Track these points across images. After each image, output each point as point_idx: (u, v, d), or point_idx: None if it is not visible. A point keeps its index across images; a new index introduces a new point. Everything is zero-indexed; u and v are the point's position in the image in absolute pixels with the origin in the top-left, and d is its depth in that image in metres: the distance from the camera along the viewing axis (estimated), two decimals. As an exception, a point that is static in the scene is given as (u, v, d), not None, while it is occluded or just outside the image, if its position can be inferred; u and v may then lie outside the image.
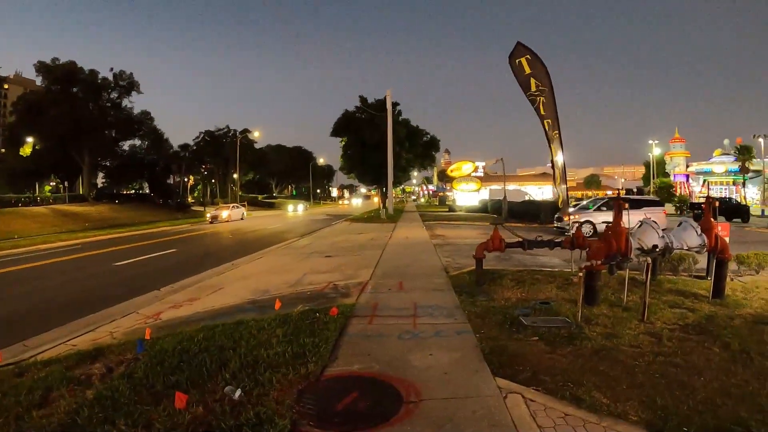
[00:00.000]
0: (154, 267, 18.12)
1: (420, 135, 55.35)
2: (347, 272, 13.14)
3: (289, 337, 6.86)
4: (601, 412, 4.70)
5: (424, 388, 5.17)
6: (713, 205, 10.96)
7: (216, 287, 12.13)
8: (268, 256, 18.39)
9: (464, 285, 10.66)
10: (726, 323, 7.74)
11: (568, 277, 11.01)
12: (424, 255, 16.38)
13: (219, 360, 5.99)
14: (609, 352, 6.24)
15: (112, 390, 5.23)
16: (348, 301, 9.42)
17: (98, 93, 71.59)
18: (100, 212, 60.93)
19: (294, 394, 5.00)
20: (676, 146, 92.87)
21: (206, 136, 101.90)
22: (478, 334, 7.03)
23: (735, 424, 4.51)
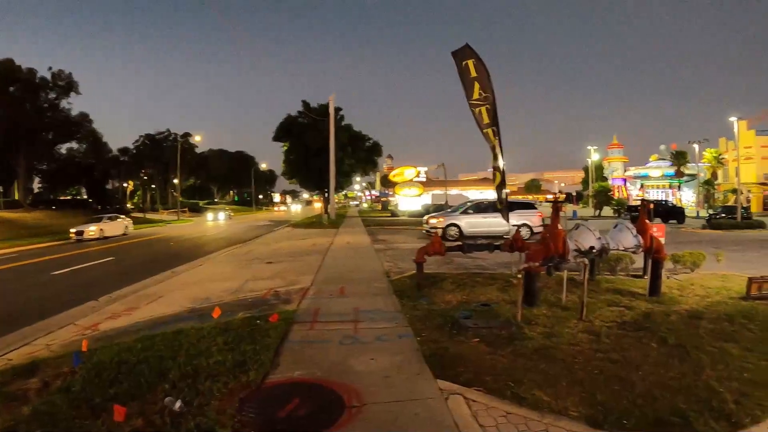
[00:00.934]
0: (92, 276, 17.65)
1: (362, 140, 55.31)
2: (289, 278, 13.01)
3: (230, 345, 6.74)
4: (543, 409, 4.76)
5: (366, 392, 5.14)
6: (648, 208, 11.27)
7: (155, 296, 11.85)
8: (209, 264, 18.10)
9: (406, 289, 10.68)
10: (662, 319, 7.97)
11: (508, 279, 11.12)
12: (366, 260, 16.38)
13: (158, 370, 5.82)
14: (549, 351, 6.34)
15: (50, 405, 5.03)
16: (290, 308, 9.32)
17: (36, 93, 67.48)
18: (36, 219, 58.76)
19: (235, 403, 4.91)
20: (614, 152, 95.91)
21: (146, 139, 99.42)
22: (419, 337, 7.04)
23: (673, 415, 4.66)
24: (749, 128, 70.53)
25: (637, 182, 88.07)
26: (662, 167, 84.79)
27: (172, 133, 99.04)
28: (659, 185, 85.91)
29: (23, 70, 65.74)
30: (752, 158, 70.79)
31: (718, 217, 40.12)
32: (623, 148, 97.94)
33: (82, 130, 76.49)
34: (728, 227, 34.25)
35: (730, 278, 11.94)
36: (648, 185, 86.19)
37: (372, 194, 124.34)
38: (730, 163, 72.79)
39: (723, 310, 8.78)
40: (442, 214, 26.93)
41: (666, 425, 4.53)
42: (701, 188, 77.60)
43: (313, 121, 46.92)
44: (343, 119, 51.18)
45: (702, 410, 4.77)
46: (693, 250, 13.33)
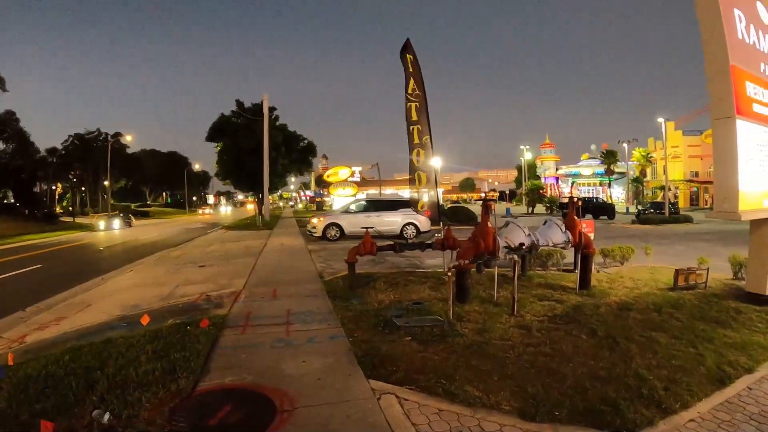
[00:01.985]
0: (18, 285, 16.99)
1: (297, 140, 55.02)
2: (221, 282, 12.78)
3: (159, 353, 6.54)
4: (475, 405, 4.78)
5: (298, 395, 5.06)
6: (576, 204, 11.49)
7: (84, 304, 11.47)
8: (140, 269, 17.65)
9: (338, 290, 10.62)
10: (592, 312, 8.15)
11: (440, 277, 11.17)
12: (299, 261, 16.26)
13: (87, 383, 5.60)
14: (480, 347, 6.38)
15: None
16: (221, 312, 9.12)
17: None
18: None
19: (165, 413, 4.76)
20: (547, 151, 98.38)
21: (75, 139, 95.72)
22: (351, 338, 6.99)
23: (604, 405, 4.74)
24: (677, 129, 74.00)
25: (569, 180, 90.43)
26: (593, 166, 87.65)
27: (102, 133, 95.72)
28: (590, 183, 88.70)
29: None
30: (679, 157, 74.20)
31: (647, 213, 41.65)
32: (555, 147, 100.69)
33: (9, 129, 73.39)
34: (657, 222, 35.59)
35: (658, 270, 12.30)
36: (579, 183, 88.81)
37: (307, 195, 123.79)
38: (658, 162, 75.73)
39: (651, 300, 9.07)
40: (323, 214, 27.26)
41: (597, 414, 4.60)
42: (631, 185, 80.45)
43: (247, 121, 46.43)
44: (277, 119, 50.80)
45: (632, 398, 4.90)
46: (622, 245, 13.68)
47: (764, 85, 9.16)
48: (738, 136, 8.18)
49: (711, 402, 4.99)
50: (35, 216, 70.64)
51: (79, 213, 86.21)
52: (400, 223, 24.04)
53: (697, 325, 7.51)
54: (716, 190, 8.64)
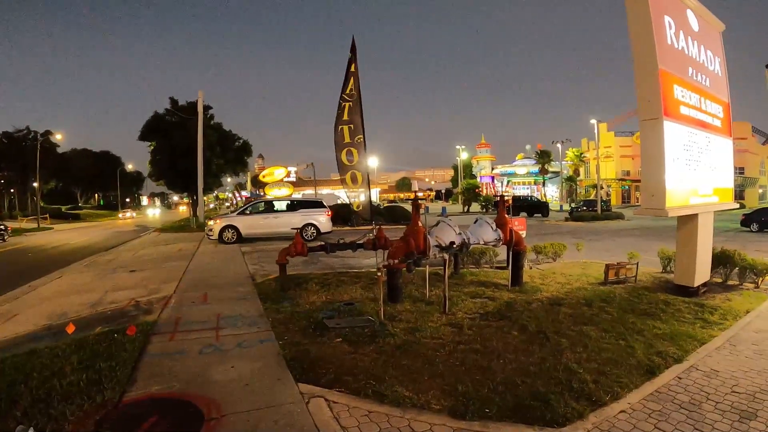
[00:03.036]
0: (-63, 298, 16.36)
1: (232, 140, 54.44)
2: (151, 287, 12.49)
3: (85, 364, 6.32)
4: (404, 405, 4.77)
5: (225, 402, 4.98)
6: (507, 203, 11.64)
7: (9, 314, 11.04)
8: (69, 275, 17.15)
9: (270, 292, 10.50)
10: (524, 308, 8.26)
11: (373, 276, 11.15)
12: (232, 263, 16.04)
13: (9, 397, 5.39)
14: (411, 346, 6.38)
15: None
16: (150, 318, 8.89)
17: None
18: None
19: (91, 426, 4.63)
20: (483, 151, 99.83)
21: (3, 138, 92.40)
22: (281, 341, 6.91)
23: (534, 399, 4.81)
24: (609, 130, 76.41)
25: (504, 179, 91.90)
26: (528, 165, 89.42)
27: (32, 131, 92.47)
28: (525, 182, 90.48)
29: None
30: (611, 157, 76.90)
31: (579, 210, 42.63)
32: (491, 147, 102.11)
33: None
34: (589, 219, 36.58)
35: (589, 265, 12.57)
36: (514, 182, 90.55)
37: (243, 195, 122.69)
38: (591, 161, 77.97)
39: (582, 295, 9.26)
40: (219, 216, 26.81)
41: (527, 410, 4.64)
42: (564, 184, 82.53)
43: (181, 120, 45.62)
44: (212, 118, 50.17)
45: (562, 392, 4.98)
46: (554, 241, 13.95)
47: (692, 88, 9.48)
48: (665, 136, 8.42)
49: (641, 393, 5.11)
50: None
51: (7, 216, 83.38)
52: (299, 224, 23.19)
53: (628, 318, 7.70)
54: (644, 188, 8.88)
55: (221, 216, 25.99)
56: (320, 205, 25.29)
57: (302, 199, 27.71)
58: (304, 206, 24.73)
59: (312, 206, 24.98)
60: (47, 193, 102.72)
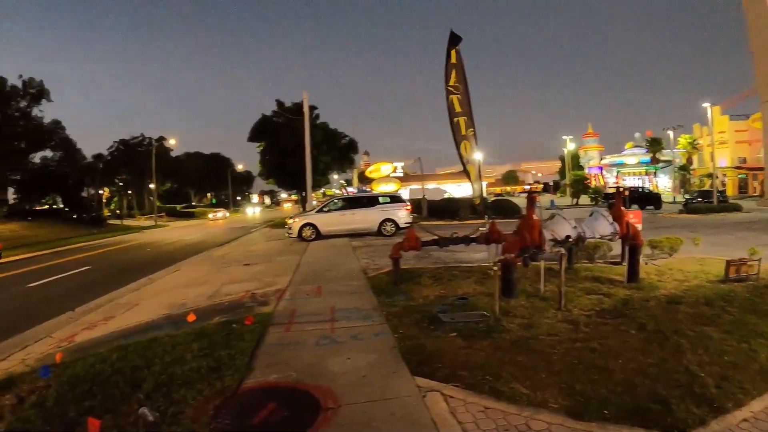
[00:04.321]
0: (68, 286, 17.42)
1: (338, 138, 55.19)
2: (265, 280, 12.86)
3: (204, 351, 6.59)
4: (521, 402, 4.66)
5: (342, 393, 5.03)
6: (623, 195, 11.26)
7: (132, 304, 11.67)
8: (186, 268, 17.92)
9: (383, 286, 10.54)
10: (641, 305, 7.93)
11: (485, 271, 11.00)
12: (343, 258, 16.25)
13: (133, 381, 5.69)
14: (527, 343, 6.25)
15: (24, 421, 4.96)
16: (266, 310, 9.16)
17: (6, 102, 66.22)
18: (11, 231, 58.09)
19: (210, 411, 4.79)
20: (590, 140, 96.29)
21: (120, 145, 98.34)
22: (396, 335, 6.92)
23: (653, 402, 4.58)
24: (723, 113, 71.31)
25: (614, 170, 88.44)
26: (638, 154, 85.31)
27: (146, 138, 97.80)
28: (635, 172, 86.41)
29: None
30: (726, 143, 72.00)
31: (694, 202, 40.52)
32: (598, 136, 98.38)
33: (55, 137, 75.84)
34: (705, 211, 34.70)
35: (708, 261, 11.96)
36: (624, 173, 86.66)
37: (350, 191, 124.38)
38: (705, 149, 73.69)
39: (702, 293, 8.77)
40: (298, 215, 26.83)
41: (647, 413, 4.44)
42: (677, 174, 78.58)
43: (287, 121, 46.74)
44: (318, 117, 51.06)
45: (683, 396, 4.71)
46: (670, 235, 13.38)
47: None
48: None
49: (765, 401, 4.76)
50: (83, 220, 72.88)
51: (126, 216, 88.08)
52: (377, 219, 23.68)
53: (750, 319, 7.23)
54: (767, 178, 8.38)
55: (300, 214, 26.33)
56: (399, 199, 25.28)
57: (380, 194, 27.63)
58: (383, 202, 24.67)
59: (389, 201, 24.88)
60: (163, 193, 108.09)
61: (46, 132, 73.46)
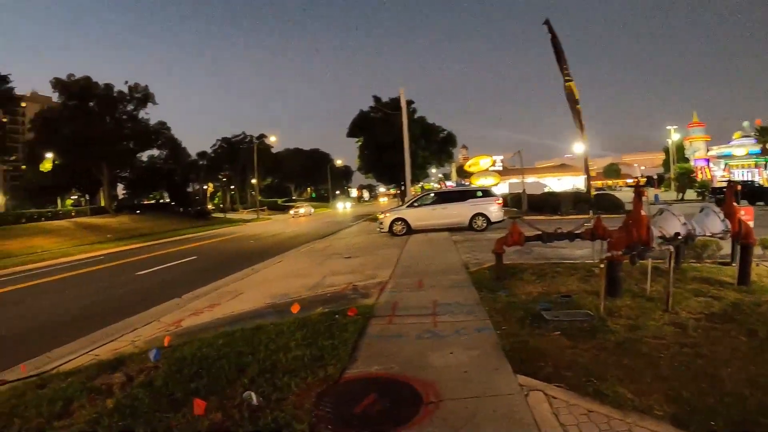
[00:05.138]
0: (175, 275, 18.25)
1: (436, 132, 55.19)
2: (367, 272, 13.08)
3: (307, 341, 6.81)
4: (626, 407, 4.56)
5: (443, 387, 5.07)
6: (735, 190, 10.75)
7: (236, 293, 12.13)
8: (288, 260, 18.39)
9: (484, 281, 10.45)
10: (752, 310, 7.51)
11: (589, 268, 10.77)
12: (444, 252, 16.21)
13: (238, 366, 5.98)
14: (632, 345, 6.08)
15: (132, 399, 5.26)
16: (368, 302, 9.33)
17: (114, 106, 72.68)
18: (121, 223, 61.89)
19: (312, 398, 4.94)
20: (695, 131, 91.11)
21: (223, 143, 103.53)
22: (498, 331, 6.87)
23: (763, 416, 4.36)
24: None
25: (721, 162, 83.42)
26: (746, 145, 79.36)
27: (247, 136, 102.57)
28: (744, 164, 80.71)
29: (100, 85, 71.13)
30: None
31: (811, 198, 37.85)
32: (705, 126, 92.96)
33: (161, 137, 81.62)
34: (822, 208, 32.40)
35: (823, 265, 11.29)
36: (732, 165, 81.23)
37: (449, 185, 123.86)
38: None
39: (820, 299, 8.28)
40: (389, 210, 26.51)
41: (756, 426, 4.24)
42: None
43: (385, 116, 47.16)
44: (415, 112, 51.30)
45: (797, 411, 4.46)
46: (784, 234, 12.68)
47: None
48: None
49: None
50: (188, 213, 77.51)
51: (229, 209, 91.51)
52: (468, 214, 23.24)
53: None
54: None
55: (391, 209, 26.24)
56: (490, 194, 24.78)
57: (471, 189, 27.30)
58: (473, 196, 24.24)
59: (482, 195, 24.42)
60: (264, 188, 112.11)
61: (153, 132, 79.12)
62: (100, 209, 72.35)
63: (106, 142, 67.41)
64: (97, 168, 70.46)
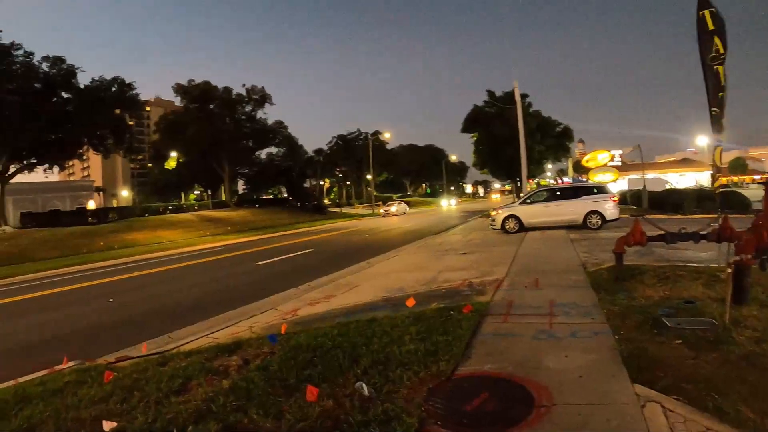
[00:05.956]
0: (292, 266, 18.87)
1: (552, 125, 54.36)
2: (482, 269, 13.01)
3: (421, 335, 6.86)
4: (747, 427, 4.23)
5: (556, 391, 4.96)
6: None
7: (351, 285, 12.41)
8: (403, 254, 18.58)
9: (602, 282, 10.13)
10: None
11: (714, 273, 10.10)
12: (561, 250, 15.89)
13: (351, 356, 6.12)
14: (759, 360, 5.63)
15: (247, 381, 5.53)
16: (482, 299, 9.26)
17: (233, 108, 79.46)
18: (241, 216, 65.10)
19: (423, 393, 4.97)
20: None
21: (338, 140, 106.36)
22: (616, 336, 6.60)
23: None
24: None
25: None
26: None
27: (362, 133, 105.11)
28: None
29: (219, 89, 78.40)
30: None
31: None
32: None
33: (278, 136, 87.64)
34: None
35: None
36: None
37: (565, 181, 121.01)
38: None
39: None
40: (501, 207, 25.84)
41: None
42: None
43: (499, 110, 46.94)
44: (530, 106, 50.78)
45: None
46: None
47: None
48: None
49: None
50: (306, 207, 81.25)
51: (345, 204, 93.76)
52: (582, 212, 22.46)
53: None
54: None
55: (503, 207, 25.77)
56: (605, 190, 23.89)
57: (585, 185, 26.42)
58: (588, 192, 23.46)
59: (594, 192, 23.63)
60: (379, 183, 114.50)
61: (270, 131, 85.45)
62: (221, 203, 77.45)
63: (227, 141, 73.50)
64: (218, 165, 75.73)
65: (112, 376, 6.31)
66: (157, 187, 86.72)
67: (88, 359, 7.88)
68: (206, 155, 73.26)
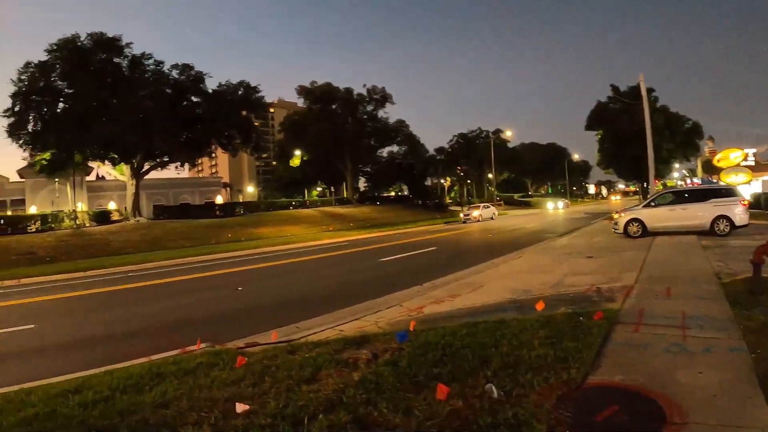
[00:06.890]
0: (415, 263, 19.18)
1: (680, 122, 52.31)
2: (610, 274, 12.75)
3: (551, 340, 6.80)
4: None
5: (689, 409, 4.74)
6: None
7: (476, 285, 12.50)
8: (527, 256, 18.55)
9: (738, 294, 9.43)
10: None
11: None
12: (692, 257, 15.21)
13: (480, 357, 6.16)
14: None
15: (377, 375, 5.70)
16: (612, 306, 9.06)
17: (354, 108, 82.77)
18: (363, 213, 66.77)
19: (553, 400, 4.93)
20: None
21: (459, 138, 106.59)
22: (753, 354, 6.16)
23: None
24: None
25: None
26: None
27: (483, 131, 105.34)
28: None
29: (341, 90, 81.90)
30: None
31: None
32: None
33: (400, 134, 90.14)
34: None
35: None
36: None
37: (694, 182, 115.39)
38: None
39: None
40: (624, 209, 24.57)
41: None
42: None
43: (624, 106, 45.66)
44: (656, 101, 49.01)
45: None
46: None
47: None
48: None
49: None
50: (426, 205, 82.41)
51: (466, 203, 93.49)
52: (710, 216, 20.99)
53: None
54: None
55: (626, 209, 24.71)
56: (733, 193, 22.22)
57: (713, 187, 25.01)
58: (716, 195, 21.93)
59: (723, 195, 22.03)
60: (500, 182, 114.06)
61: (392, 130, 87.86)
62: (343, 200, 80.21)
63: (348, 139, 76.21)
64: (340, 163, 78.25)
65: (245, 361, 6.75)
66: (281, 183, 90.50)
67: (218, 343, 8.49)
68: (328, 153, 76.62)
